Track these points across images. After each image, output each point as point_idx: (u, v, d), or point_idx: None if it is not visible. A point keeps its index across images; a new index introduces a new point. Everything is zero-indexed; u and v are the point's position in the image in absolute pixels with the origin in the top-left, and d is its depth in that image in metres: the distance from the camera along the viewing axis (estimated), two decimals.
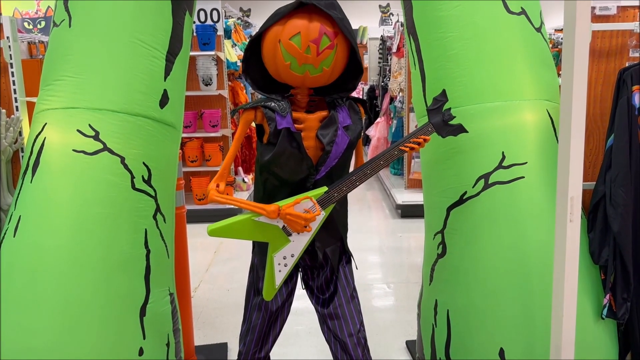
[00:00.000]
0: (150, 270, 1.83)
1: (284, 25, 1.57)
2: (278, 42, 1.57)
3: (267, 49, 1.63)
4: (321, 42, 1.57)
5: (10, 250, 1.75)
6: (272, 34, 1.60)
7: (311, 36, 1.55)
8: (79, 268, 1.72)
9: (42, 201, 1.76)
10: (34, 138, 1.83)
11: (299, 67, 1.58)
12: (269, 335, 1.87)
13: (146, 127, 1.87)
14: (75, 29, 1.86)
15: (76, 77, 1.83)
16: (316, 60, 1.58)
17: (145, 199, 1.86)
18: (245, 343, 1.85)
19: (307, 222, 1.60)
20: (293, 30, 1.55)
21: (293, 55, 1.56)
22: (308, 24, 1.55)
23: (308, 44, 1.55)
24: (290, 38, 1.55)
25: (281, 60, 1.58)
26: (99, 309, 1.72)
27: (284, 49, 1.57)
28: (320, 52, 1.56)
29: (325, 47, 1.57)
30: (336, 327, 1.81)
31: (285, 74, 1.61)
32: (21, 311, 1.69)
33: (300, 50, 1.55)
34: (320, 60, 1.58)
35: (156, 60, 1.90)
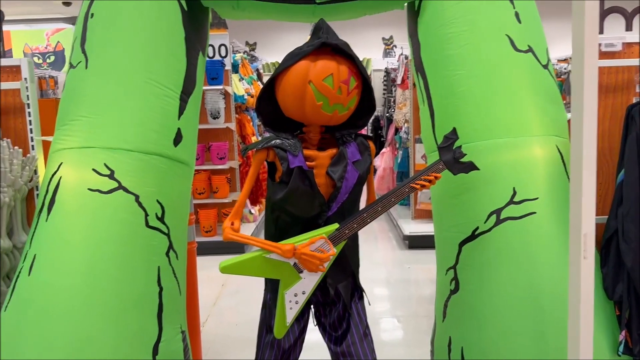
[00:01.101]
0: (163, 308, 1.83)
1: (313, 65, 1.60)
2: (308, 82, 1.60)
3: (290, 89, 1.64)
4: (350, 82, 1.62)
5: (25, 289, 1.75)
6: (299, 75, 1.62)
7: (342, 77, 1.60)
8: (92, 307, 1.72)
9: (57, 240, 1.77)
10: (49, 177, 1.86)
11: (330, 107, 1.62)
12: None
13: (160, 165, 1.90)
14: (92, 70, 1.91)
15: (92, 117, 1.87)
16: (345, 100, 1.63)
17: (159, 237, 1.87)
18: None
19: (322, 262, 1.61)
20: (325, 71, 1.59)
21: (326, 96, 1.60)
22: (338, 65, 1.61)
23: (339, 85, 1.60)
24: (323, 79, 1.59)
25: (312, 100, 1.61)
26: (112, 349, 1.71)
27: (317, 90, 1.60)
28: (350, 92, 1.62)
29: (353, 87, 1.63)
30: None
31: (314, 114, 1.64)
32: (34, 351, 1.69)
33: (333, 90, 1.60)
34: (349, 100, 1.63)
35: (170, 99, 1.94)
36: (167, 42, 1.95)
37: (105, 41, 1.92)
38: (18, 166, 1.97)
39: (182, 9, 1.99)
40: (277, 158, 1.68)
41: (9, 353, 1.71)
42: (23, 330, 1.71)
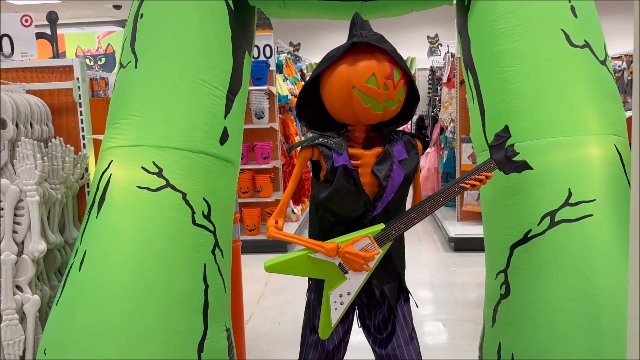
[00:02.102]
0: (209, 306, 1.84)
1: (353, 69, 1.58)
2: (352, 88, 1.58)
3: (336, 96, 1.63)
4: (394, 75, 1.59)
5: (76, 284, 1.80)
6: (342, 81, 1.59)
7: (385, 73, 1.57)
8: (140, 304, 1.75)
9: (107, 237, 1.81)
10: (100, 174, 1.90)
11: (380, 106, 1.59)
12: None
13: (207, 163, 1.92)
14: (141, 70, 1.94)
15: (141, 116, 1.90)
16: (394, 94, 1.60)
17: (205, 234, 1.88)
18: None
19: (366, 262, 1.58)
20: (366, 72, 1.57)
21: (373, 97, 1.58)
22: (377, 62, 1.57)
23: (384, 82, 1.57)
24: (366, 82, 1.57)
25: (360, 105, 1.59)
26: (159, 345, 1.73)
27: (362, 94, 1.57)
28: (396, 85, 1.59)
29: (398, 78, 1.60)
30: None
31: (366, 116, 1.62)
32: (83, 346, 1.72)
33: (379, 89, 1.57)
34: (397, 93, 1.61)
35: (217, 99, 1.96)
36: (214, 42, 1.97)
37: (154, 41, 1.95)
38: (70, 164, 2.03)
39: (229, 8, 2.00)
40: (321, 156, 1.66)
41: (58, 347, 1.76)
42: (72, 326, 1.75)
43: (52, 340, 1.78)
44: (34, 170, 1.83)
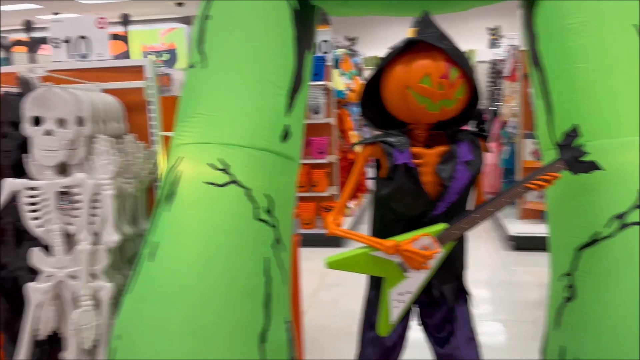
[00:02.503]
0: (271, 298, 1.90)
1: (408, 69, 1.58)
2: (406, 88, 1.58)
3: (391, 97, 1.64)
4: (450, 74, 1.57)
5: (148, 274, 1.90)
6: (396, 81, 1.60)
7: (440, 72, 1.56)
8: (206, 294, 1.82)
9: (175, 230, 1.90)
10: (170, 170, 1.99)
11: (435, 105, 1.59)
12: None
13: (270, 160, 1.97)
14: (209, 70, 2.01)
15: (208, 114, 1.97)
16: (451, 93, 1.59)
17: (267, 229, 1.94)
18: None
19: (425, 260, 1.58)
20: (420, 73, 1.56)
21: (427, 97, 1.57)
22: (432, 61, 1.56)
23: (439, 81, 1.56)
24: (419, 81, 1.56)
25: (415, 104, 1.59)
26: (223, 334, 1.80)
27: (417, 94, 1.58)
28: (453, 84, 1.58)
29: (455, 77, 1.58)
30: None
31: (422, 115, 1.62)
32: (154, 333, 1.82)
33: (433, 89, 1.56)
34: (455, 92, 1.59)
35: (280, 97, 2.00)
36: (278, 42, 2.01)
37: (221, 42, 2.02)
38: (141, 160, 2.14)
39: (292, 8, 2.04)
40: (383, 154, 1.67)
41: (131, 333, 1.86)
42: (144, 314, 1.85)
43: (126, 326, 1.88)
44: (108, 165, 1.94)
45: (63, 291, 2.03)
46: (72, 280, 2.00)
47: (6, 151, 2.11)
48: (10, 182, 1.97)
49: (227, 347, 1.79)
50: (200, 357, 1.77)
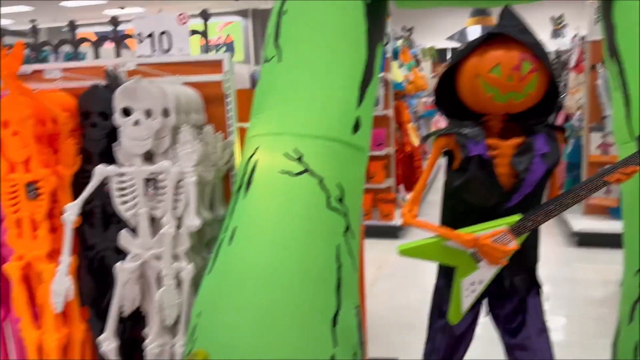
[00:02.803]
0: (341, 284, 1.97)
1: (480, 59, 1.60)
2: (476, 77, 1.61)
3: (464, 83, 1.67)
4: (522, 67, 1.58)
5: (226, 256, 2.01)
6: (469, 70, 1.64)
7: (512, 64, 1.57)
8: (280, 277, 1.92)
9: (252, 216, 2.00)
10: (247, 159, 2.10)
11: (503, 96, 1.61)
12: (452, 358, 1.89)
13: (341, 151, 2.04)
14: (284, 63, 2.10)
15: (283, 106, 2.06)
16: (520, 86, 1.60)
17: (338, 218, 2.01)
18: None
19: (504, 256, 1.60)
20: (491, 62, 1.59)
21: (495, 87, 1.59)
22: (505, 52, 1.58)
23: (509, 73, 1.57)
24: (489, 71, 1.59)
25: (483, 93, 1.62)
26: (298, 316, 1.89)
27: (485, 82, 1.60)
28: (523, 77, 1.58)
29: (527, 71, 1.59)
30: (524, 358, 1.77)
31: (489, 105, 1.64)
32: (231, 312, 1.94)
33: (502, 80, 1.58)
34: (524, 85, 1.60)
35: (352, 90, 2.06)
36: (350, 35, 2.07)
37: (296, 36, 2.10)
38: (220, 149, 2.25)
39: (365, 2, 2.09)
40: (457, 145, 1.70)
41: (211, 311, 1.98)
42: (222, 293, 1.96)
43: (205, 305, 2.00)
44: (192, 154, 2.06)
45: (147, 271, 2.18)
46: (156, 261, 2.14)
47: (95, 140, 2.28)
48: (102, 168, 2.13)
49: (300, 327, 1.87)
50: (275, 337, 1.87)
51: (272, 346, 1.87)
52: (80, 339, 2.38)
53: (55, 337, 2.31)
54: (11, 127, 2.18)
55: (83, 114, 2.29)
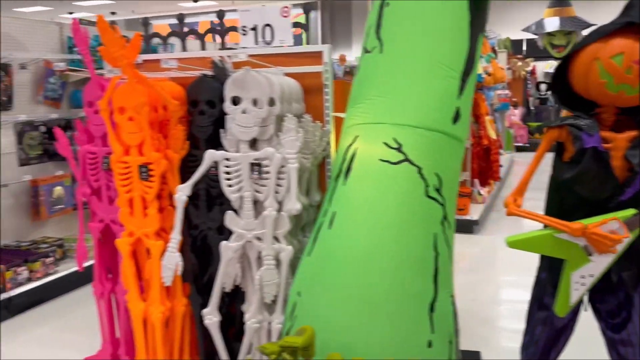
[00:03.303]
0: (438, 272, 2.01)
1: (605, 43, 1.58)
2: (595, 60, 1.59)
3: (579, 66, 1.65)
4: None
5: (326, 239, 2.10)
6: (589, 52, 1.62)
7: (634, 56, 1.54)
8: (377, 262, 1.98)
9: (352, 201, 2.07)
10: (346, 147, 2.17)
11: (615, 86, 1.58)
12: (551, 350, 1.89)
13: (440, 141, 2.07)
14: (385, 54, 2.15)
15: (384, 96, 2.11)
16: (635, 81, 1.56)
17: (436, 207, 2.05)
18: (527, 354, 1.91)
19: (614, 244, 1.59)
20: (615, 49, 1.56)
21: (611, 74, 1.57)
22: (632, 43, 1.55)
23: (630, 64, 1.55)
24: (611, 57, 1.56)
25: (596, 77, 1.60)
26: (393, 300, 1.94)
27: (602, 67, 1.58)
28: None
29: None
30: (629, 354, 1.74)
31: (597, 92, 1.62)
32: (330, 292, 2.02)
33: (620, 69, 1.56)
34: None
35: (453, 80, 2.08)
36: (454, 26, 2.09)
37: (398, 27, 2.14)
38: (318, 138, 2.34)
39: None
40: (569, 137, 1.69)
41: (310, 291, 2.07)
42: (322, 274, 2.05)
43: (305, 285, 2.10)
44: (295, 141, 2.15)
45: (248, 251, 2.31)
46: (257, 242, 2.26)
47: (202, 127, 2.42)
48: (212, 153, 2.27)
49: (399, 312, 1.93)
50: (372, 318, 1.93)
51: (369, 327, 1.93)
52: (181, 313, 2.55)
53: (159, 309, 2.48)
54: (127, 113, 2.36)
55: (191, 103, 2.45)
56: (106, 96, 2.40)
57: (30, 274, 3.77)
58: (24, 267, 3.73)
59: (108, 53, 2.25)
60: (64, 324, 3.57)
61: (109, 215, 2.62)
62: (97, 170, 2.60)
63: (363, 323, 1.93)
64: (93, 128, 2.60)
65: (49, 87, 4.36)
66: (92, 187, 2.64)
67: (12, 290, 3.63)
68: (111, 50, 2.24)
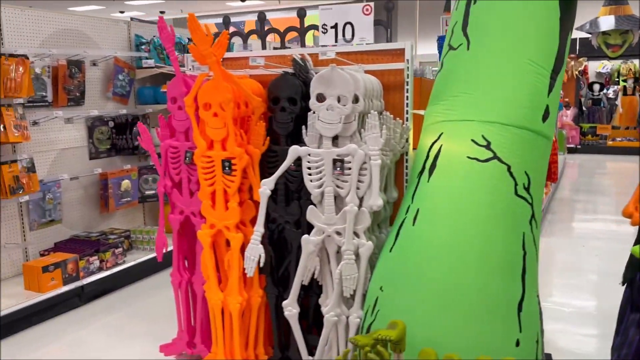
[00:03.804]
0: (526, 271, 2.00)
1: None
2: None
3: None
4: None
5: (409, 236, 2.11)
6: None
7: None
8: (460, 259, 1.98)
9: (437, 198, 2.08)
10: (429, 145, 2.17)
11: None
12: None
13: (529, 139, 2.05)
14: (472, 52, 2.14)
15: (471, 93, 2.11)
16: None
17: (524, 205, 2.03)
18: (619, 355, 1.87)
19: None
20: None
21: None
22: None
23: None
24: None
25: None
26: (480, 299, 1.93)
27: None
28: None
29: None
30: None
31: None
32: (411, 288, 2.03)
33: None
34: None
35: (542, 78, 2.06)
36: (544, 24, 2.07)
37: (486, 24, 2.13)
38: (398, 135, 2.36)
39: None
40: None
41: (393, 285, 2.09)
42: (405, 270, 2.07)
43: (388, 280, 2.12)
44: (378, 138, 2.18)
45: (328, 245, 2.34)
46: (337, 236, 2.30)
47: (283, 123, 2.47)
48: (296, 148, 2.31)
49: (487, 311, 1.93)
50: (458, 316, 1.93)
51: (456, 324, 1.93)
52: (257, 304, 2.62)
53: (237, 300, 2.55)
54: (212, 109, 2.43)
55: (273, 99, 2.50)
56: (192, 92, 2.48)
57: (101, 263, 3.92)
58: (96, 257, 3.88)
59: (197, 50, 2.32)
60: (133, 312, 3.70)
61: (189, 207, 2.70)
62: (179, 164, 2.68)
63: (449, 320, 1.94)
64: (175, 123, 2.68)
65: (118, 83, 4.52)
66: (173, 180, 2.73)
67: (84, 279, 3.78)
68: (200, 48, 2.31)
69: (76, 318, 3.62)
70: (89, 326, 3.50)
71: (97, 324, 3.54)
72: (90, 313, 3.70)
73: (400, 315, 1.98)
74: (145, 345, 3.13)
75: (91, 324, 3.54)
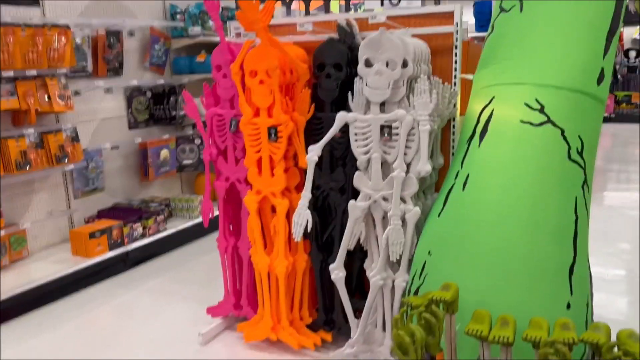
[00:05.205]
0: (577, 235, 1.99)
1: None
2: None
3: None
4: None
5: (459, 202, 2.12)
6: None
7: None
8: (511, 224, 1.98)
9: (489, 163, 2.07)
10: (480, 109, 2.16)
11: None
12: None
13: (583, 102, 2.02)
14: (525, 13, 2.10)
15: (524, 56, 2.07)
16: None
17: (577, 170, 2.01)
18: None
19: None
20: None
21: None
22: None
23: None
24: None
25: None
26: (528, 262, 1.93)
27: None
28: None
29: None
30: None
31: None
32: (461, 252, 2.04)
33: None
34: None
35: (599, 40, 2.02)
36: None
37: None
38: (446, 100, 2.34)
39: None
40: None
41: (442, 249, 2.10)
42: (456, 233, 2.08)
43: (436, 245, 2.14)
44: (428, 103, 2.17)
45: (374, 210, 2.37)
46: (384, 202, 2.32)
47: (329, 89, 2.48)
48: (343, 114, 2.32)
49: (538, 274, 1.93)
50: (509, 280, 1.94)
51: (505, 288, 1.95)
52: (302, 268, 2.67)
53: (283, 264, 2.61)
54: (259, 76, 2.45)
55: (318, 66, 2.50)
56: (238, 60, 2.49)
57: (144, 230, 4.03)
58: (139, 224, 3.99)
59: (245, 17, 2.32)
60: (176, 276, 3.82)
61: (234, 174, 2.75)
62: (224, 132, 2.72)
63: (500, 284, 1.95)
64: (220, 91, 2.70)
65: (155, 53, 4.55)
66: (219, 148, 2.77)
67: (128, 245, 3.90)
68: (248, 14, 2.31)
69: (122, 282, 3.75)
70: (134, 289, 3.62)
71: (142, 287, 3.66)
72: (135, 278, 3.83)
73: (449, 278, 2.00)
74: (191, 307, 3.23)
75: (137, 287, 3.66)
